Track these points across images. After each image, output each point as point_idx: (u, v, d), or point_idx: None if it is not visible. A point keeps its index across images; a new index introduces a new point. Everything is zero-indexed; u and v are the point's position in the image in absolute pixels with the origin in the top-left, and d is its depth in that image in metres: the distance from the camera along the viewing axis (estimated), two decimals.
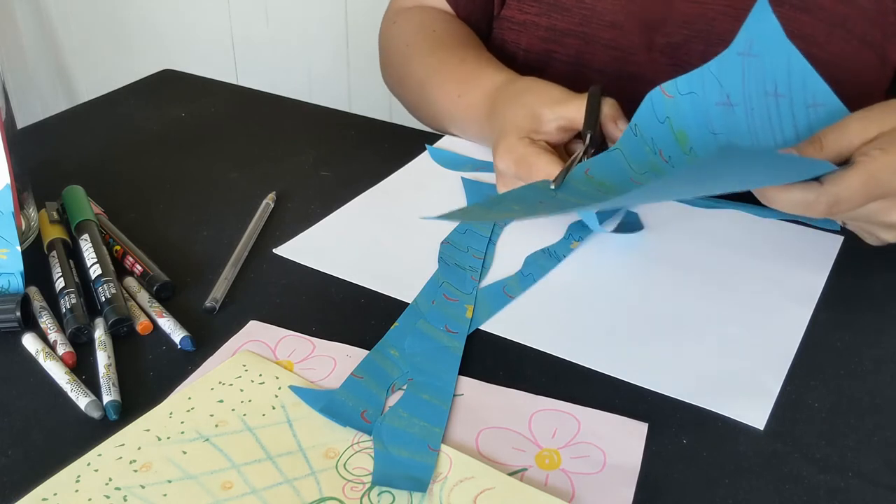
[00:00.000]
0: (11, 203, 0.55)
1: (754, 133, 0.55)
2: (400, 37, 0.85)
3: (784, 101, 0.54)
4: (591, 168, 0.58)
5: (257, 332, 0.54)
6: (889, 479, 0.44)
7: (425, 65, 0.79)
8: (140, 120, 0.86)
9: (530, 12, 0.79)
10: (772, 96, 0.54)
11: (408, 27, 0.85)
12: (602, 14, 0.75)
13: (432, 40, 0.81)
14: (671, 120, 0.57)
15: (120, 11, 1.93)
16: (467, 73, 0.74)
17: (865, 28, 0.67)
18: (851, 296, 0.58)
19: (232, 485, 0.43)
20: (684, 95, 0.56)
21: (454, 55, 0.77)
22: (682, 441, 0.46)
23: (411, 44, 0.83)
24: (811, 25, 0.68)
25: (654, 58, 0.75)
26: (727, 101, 0.55)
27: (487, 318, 0.55)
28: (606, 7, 0.75)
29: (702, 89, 0.56)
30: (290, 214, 0.68)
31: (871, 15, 0.67)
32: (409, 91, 0.84)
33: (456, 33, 0.82)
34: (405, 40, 0.84)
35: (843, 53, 0.67)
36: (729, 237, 0.64)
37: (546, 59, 0.79)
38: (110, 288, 0.55)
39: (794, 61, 0.53)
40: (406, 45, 0.83)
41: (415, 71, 0.81)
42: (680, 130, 0.57)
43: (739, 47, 0.54)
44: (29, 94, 2.14)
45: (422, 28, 0.83)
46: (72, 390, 0.48)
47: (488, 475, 0.43)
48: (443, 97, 0.76)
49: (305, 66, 1.78)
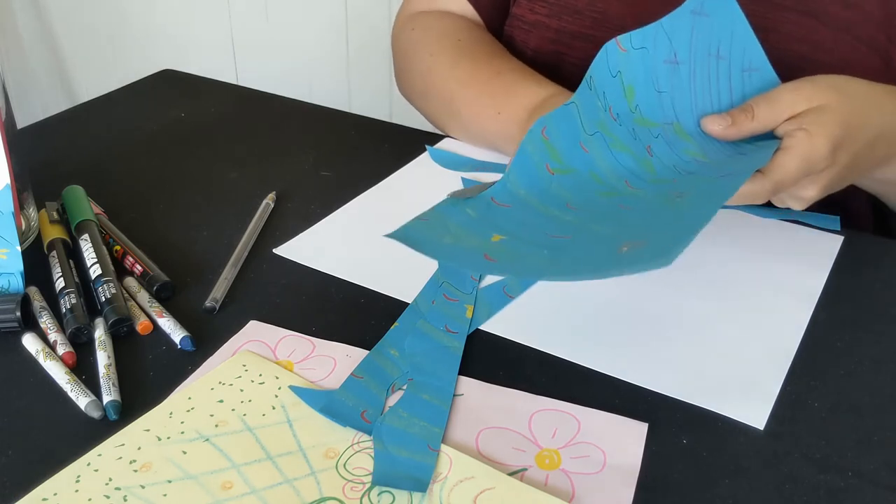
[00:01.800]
0: (11, 203, 0.55)
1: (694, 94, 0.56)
2: (422, 46, 0.82)
3: (723, 64, 0.55)
4: (548, 127, 0.57)
5: (257, 332, 0.54)
6: (889, 479, 0.44)
7: (454, 77, 0.76)
8: (140, 120, 0.86)
9: (541, 13, 0.78)
10: (714, 57, 0.55)
11: (430, 35, 0.82)
12: (612, 18, 0.75)
13: (458, 50, 0.78)
14: (622, 74, 0.57)
15: (120, 11, 1.93)
16: (505, 87, 0.71)
17: (871, 33, 0.67)
18: (851, 296, 0.58)
19: (232, 485, 0.43)
20: (636, 50, 0.57)
21: (488, 67, 0.74)
22: (682, 441, 0.46)
23: (435, 53, 0.79)
24: (817, 30, 0.67)
25: None
26: (674, 59, 0.56)
27: (487, 318, 0.55)
28: (617, 11, 0.75)
29: (653, 45, 0.56)
30: (290, 214, 0.68)
31: (877, 19, 0.67)
32: (434, 103, 0.80)
33: (482, 42, 0.79)
34: (428, 50, 0.80)
35: (848, 58, 0.67)
36: (729, 237, 0.64)
37: (555, 61, 0.79)
38: (110, 288, 0.55)
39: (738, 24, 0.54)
40: (430, 55, 0.80)
41: (441, 83, 0.77)
42: (629, 85, 0.57)
43: (692, 5, 0.55)
44: (29, 94, 2.14)
45: (445, 36, 0.80)
46: (72, 390, 0.48)
47: (488, 475, 0.43)
48: (478, 112, 0.73)
49: (305, 67, 1.78)
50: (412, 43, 0.83)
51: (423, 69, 0.80)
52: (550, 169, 0.56)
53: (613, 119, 0.57)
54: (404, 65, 0.85)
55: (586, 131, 0.58)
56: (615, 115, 0.57)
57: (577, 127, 0.57)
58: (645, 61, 0.57)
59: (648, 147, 0.56)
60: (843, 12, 0.67)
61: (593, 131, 0.58)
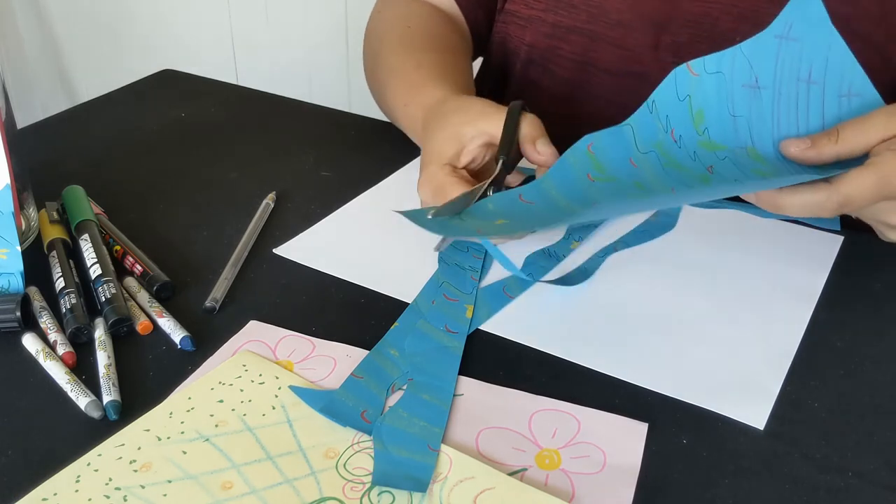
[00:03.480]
0: (11, 203, 0.55)
1: (777, 119, 0.53)
2: (377, 29, 0.82)
3: (816, 89, 0.52)
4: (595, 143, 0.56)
5: (257, 332, 0.54)
6: (889, 479, 0.44)
7: (388, 64, 0.76)
8: (140, 120, 0.86)
9: (536, 8, 0.78)
10: (804, 82, 0.52)
11: (388, 18, 0.82)
12: (609, 12, 0.75)
13: (402, 37, 0.77)
14: (691, 98, 0.55)
15: (120, 12, 1.93)
16: (417, 81, 0.70)
17: (869, 29, 0.67)
18: (851, 296, 0.58)
19: (232, 485, 0.43)
20: (711, 74, 0.54)
21: (413, 58, 0.74)
22: (682, 441, 0.46)
23: (382, 38, 0.80)
24: None
25: (660, 57, 0.75)
26: (755, 84, 0.53)
27: (487, 318, 0.55)
28: (614, 5, 0.75)
29: (730, 69, 0.54)
30: (290, 214, 0.68)
31: (875, 16, 0.67)
32: (374, 88, 0.80)
33: (430, 31, 0.78)
34: (379, 34, 0.81)
35: None
36: (729, 237, 0.64)
37: (550, 55, 0.79)
38: (110, 288, 0.55)
39: (834, 48, 0.51)
40: (378, 40, 0.80)
41: (379, 68, 0.78)
42: (699, 109, 0.55)
43: (778, 30, 0.52)
44: (29, 94, 2.14)
45: (398, 22, 0.80)
46: (72, 390, 0.48)
47: (488, 475, 0.43)
48: (395, 101, 0.73)
49: (305, 66, 1.78)
50: (373, 28, 0.84)
51: (374, 55, 0.81)
52: (591, 177, 0.55)
53: (674, 140, 0.55)
54: (365, 50, 0.85)
55: (639, 150, 0.56)
56: (676, 138, 0.55)
57: (630, 145, 0.56)
58: (720, 85, 0.54)
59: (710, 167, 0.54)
60: (840, 8, 0.67)
61: (647, 150, 0.56)
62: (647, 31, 0.74)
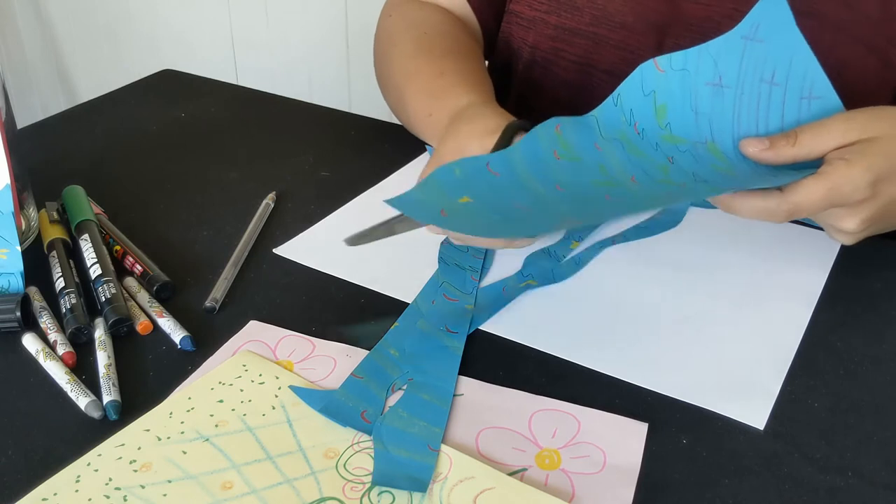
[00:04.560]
0: (11, 203, 0.55)
1: (738, 117, 0.55)
2: (389, 33, 0.81)
3: (778, 91, 0.53)
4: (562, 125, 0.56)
5: (257, 332, 0.54)
6: (889, 479, 0.44)
7: (404, 70, 0.75)
8: (140, 120, 0.86)
9: (540, 9, 0.78)
10: (766, 83, 0.53)
11: (399, 23, 0.81)
12: (612, 15, 0.75)
13: (418, 42, 0.77)
14: (656, 93, 0.56)
15: (120, 12, 1.93)
16: (441, 89, 0.69)
17: (870, 33, 0.67)
18: (851, 296, 0.58)
19: (232, 485, 0.43)
20: (676, 71, 0.55)
21: (434, 65, 0.73)
22: (682, 441, 0.46)
23: (397, 43, 0.79)
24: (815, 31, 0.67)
25: None
26: (718, 82, 0.55)
27: (487, 318, 0.55)
28: (617, 8, 0.75)
29: (695, 67, 0.55)
30: (290, 214, 0.68)
31: (875, 20, 0.67)
32: (388, 92, 0.80)
33: (446, 37, 0.78)
34: (392, 38, 0.80)
35: (847, 59, 0.67)
36: (729, 237, 0.64)
37: (553, 57, 0.79)
38: (110, 288, 0.55)
39: (798, 51, 0.52)
40: (392, 44, 0.79)
41: (394, 73, 0.77)
42: (662, 104, 0.56)
43: (744, 30, 0.53)
44: (29, 94, 2.14)
45: (412, 27, 0.79)
46: (72, 390, 0.48)
47: (488, 475, 0.43)
48: (416, 110, 0.71)
49: (305, 66, 1.78)
50: (384, 30, 0.83)
51: (386, 58, 0.80)
52: (557, 155, 0.55)
53: (637, 133, 0.56)
54: (375, 52, 0.84)
55: (603, 136, 0.57)
56: (639, 131, 0.56)
57: (595, 133, 0.56)
58: (684, 82, 0.55)
59: (670, 157, 0.55)
60: (841, 13, 0.67)
61: (611, 138, 0.57)
62: (650, 33, 0.74)
